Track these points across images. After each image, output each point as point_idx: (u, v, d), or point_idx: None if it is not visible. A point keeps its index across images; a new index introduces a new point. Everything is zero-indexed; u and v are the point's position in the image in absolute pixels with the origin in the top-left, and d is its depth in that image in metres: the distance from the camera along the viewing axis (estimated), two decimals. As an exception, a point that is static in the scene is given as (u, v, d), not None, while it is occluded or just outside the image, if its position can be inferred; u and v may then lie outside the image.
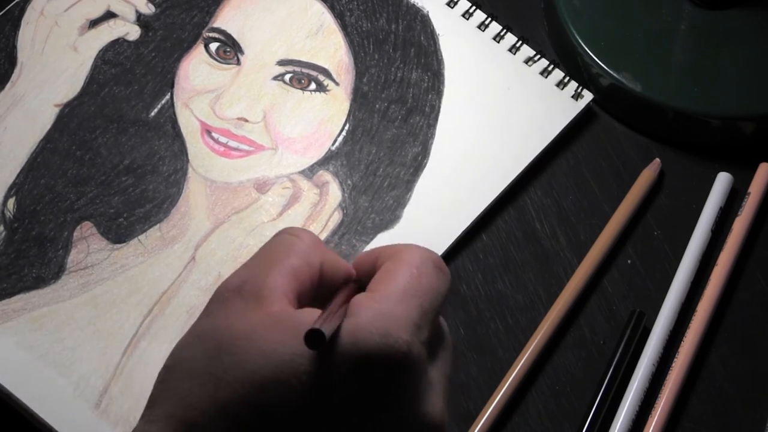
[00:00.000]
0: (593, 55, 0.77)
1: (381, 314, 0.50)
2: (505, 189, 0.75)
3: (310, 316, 0.50)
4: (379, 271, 0.53)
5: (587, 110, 0.77)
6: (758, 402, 0.69)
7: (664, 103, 0.75)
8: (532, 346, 0.69)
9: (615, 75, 0.76)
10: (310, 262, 0.53)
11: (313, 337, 0.48)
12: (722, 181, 0.75)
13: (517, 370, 0.69)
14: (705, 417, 0.69)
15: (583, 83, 0.77)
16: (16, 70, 0.76)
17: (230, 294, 0.52)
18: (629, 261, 0.73)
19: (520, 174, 0.75)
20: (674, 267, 0.73)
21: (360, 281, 0.55)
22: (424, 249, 0.54)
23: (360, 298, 0.51)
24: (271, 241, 0.54)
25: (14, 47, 0.77)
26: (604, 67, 0.76)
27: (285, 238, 0.54)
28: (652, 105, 0.75)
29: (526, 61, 0.78)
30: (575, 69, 0.78)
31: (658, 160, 0.76)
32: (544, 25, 0.80)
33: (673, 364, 0.69)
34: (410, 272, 0.52)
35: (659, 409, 0.68)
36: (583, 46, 0.77)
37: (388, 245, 0.55)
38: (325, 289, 0.54)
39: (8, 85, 0.76)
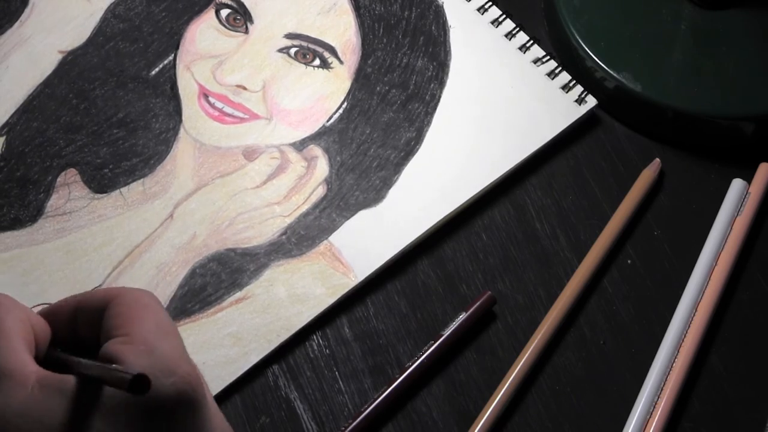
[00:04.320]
0: (593, 56, 0.75)
1: (154, 355, 0.49)
2: (491, 184, 0.72)
3: (68, 379, 0.49)
4: (109, 320, 0.51)
5: (589, 115, 0.75)
6: (758, 402, 0.68)
7: (664, 103, 0.74)
8: (532, 346, 0.68)
9: (615, 75, 0.74)
10: (21, 318, 0.51)
11: (139, 383, 0.47)
12: (736, 188, 0.73)
13: (517, 370, 0.67)
14: (705, 417, 0.67)
15: (583, 83, 0.76)
16: (27, 10, 0.75)
17: None
18: (629, 261, 0.71)
19: (509, 171, 0.73)
20: (674, 267, 0.71)
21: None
22: (136, 289, 0.54)
23: (118, 346, 0.50)
24: None
25: (29, -15, 0.76)
26: (604, 67, 0.75)
27: None
28: (652, 105, 0.74)
29: (535, 62, 0.76)
30: (575, 69, 0.76)
31: (658, 160, 0.74)
32: (545, 24, 0.79)
33: (673, 364, 0.68)
34: (144, 311, 0.51)
35: (659, 409, 0.66)
36: (583, 46, 0.75)
37: (87, 294, 0.54)
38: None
39: (17, 24, 0.75)
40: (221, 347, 0.66)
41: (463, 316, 0.68)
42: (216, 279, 0.68)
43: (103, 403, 0.49)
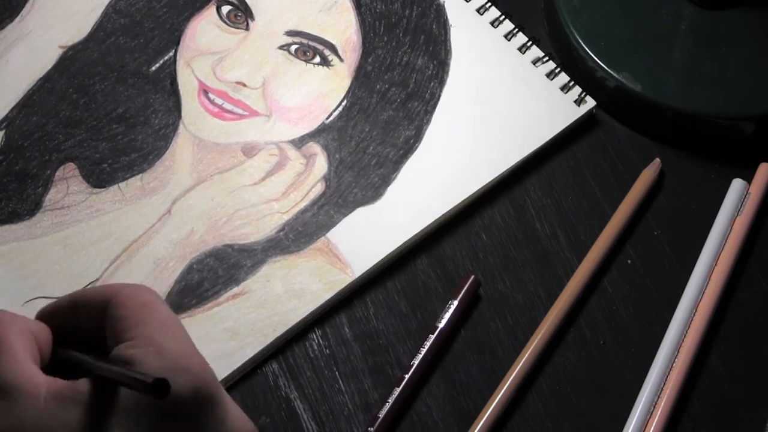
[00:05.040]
0: (593, 56, 0.75)
1: (166, 355, 0.49)
2: (490, 183, 0.72)
3: (82, 385, 0.48)
4: (112, 324, 0.51)
5: (588, 116, 0.75)
6: (758, 402, 0.67)
7: (664, 103, 0.73)
8: (532, 346, 0.67)
9: (615, 75, 0.74)
10: (21, 329, 0.51)
11: (159, 386, 0.46)
12: (736, 188, 0.73)
13: (517, 370, 0.67)
14: (705, 417, 0.67)
15: (583, 84, 0.75)
16: (28, 5, 0.75)
17: None
18: (629, 261, 0.71)
19: (507, 171, 0.73)
20: (674, 267, 0.71)
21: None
22: (134, 285, 0.52)
23: (126, 351, 0.49)
24: None
25: (29, -19, 0.76)
26: (604, 67, 0.74)
27: None
28: (652, 105, 0.74)
29: (534, 62, 0.76)
30: (575, 69, 0.76)
31: (658, 160, 0.74)
32: (545, 25, 0.78)
33: (673, 364, 0.67)
34: (144, 309, 0.50)
35: (659, 409, 0.66)
36: (583, 46, 0.75)
37: (83, 293, 0.53)
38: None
39: (17, 19, 0.74)
40: (218, 342, 0.65)
41: (454, 304, 0.68)
42: (213, 274, 0.67)
43: (120, 408, 0.48)
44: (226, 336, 0.66)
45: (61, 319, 0.53)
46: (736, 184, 0.72)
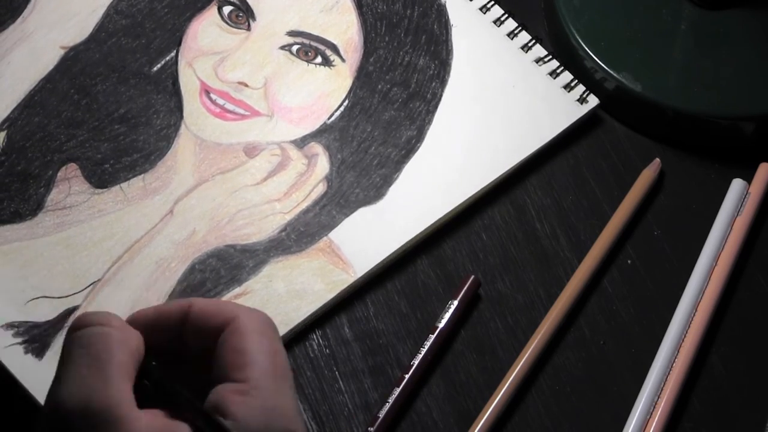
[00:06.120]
0: (593, 56, 0.75)
1: (266, 410, 0.47)
2: (492, 183, 0.72)
3: (179, 428, 0.47)
4: (227, 353, 0.49)
5: (591, 115, 0.75)
6: (758, 402, 0.68)
7: (664, 103, 0.74)
8: (532, 346, 0.67)
9: (615, 75, 0.74)
10: (131, 349, 0.49)
11: None
12: (736, 188, 0.73)
13: (517, 370, 0.67)
14: (705, 417, 0.67)
15: (583, 83, 0.75)
16: (29, 6, 0.75)
17: (77, 421, 0.46)
18: (629, 261, 0.71)
19: (510, 170, 0.73)
20: (674, 267, 0.71)
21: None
22: (255, 311, 0.50)
23: (229, 393, 0.47)
24: (85, 338, 0.48)
25: (30, -18, 0.76)
26: (604, 67, 0.74)
27: (97, 331, 0.49)
28: (652, 105, 0.74)
29: (537, 61, 0.76)
30: (575, 69, 0.76)
31: (658, 160, 0.74)
32: (545, 25, 0.78)
33: (673, 364, 0.67)
34: (263, 347, 0.48)
35: (659, 409, 0.66)
36: (583, 46, 0.75)
37: (202, 308, 0.50)
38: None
39: (19, 20, 0.74)
40: (220, 342, 0.66)
41: (454, 304, 0.68)
42: (215, 275, 0.68)
43: None
44: (229, 337, 0.66)
45: (169, 326, 0.51)
46: (736, 184, 0.73)
